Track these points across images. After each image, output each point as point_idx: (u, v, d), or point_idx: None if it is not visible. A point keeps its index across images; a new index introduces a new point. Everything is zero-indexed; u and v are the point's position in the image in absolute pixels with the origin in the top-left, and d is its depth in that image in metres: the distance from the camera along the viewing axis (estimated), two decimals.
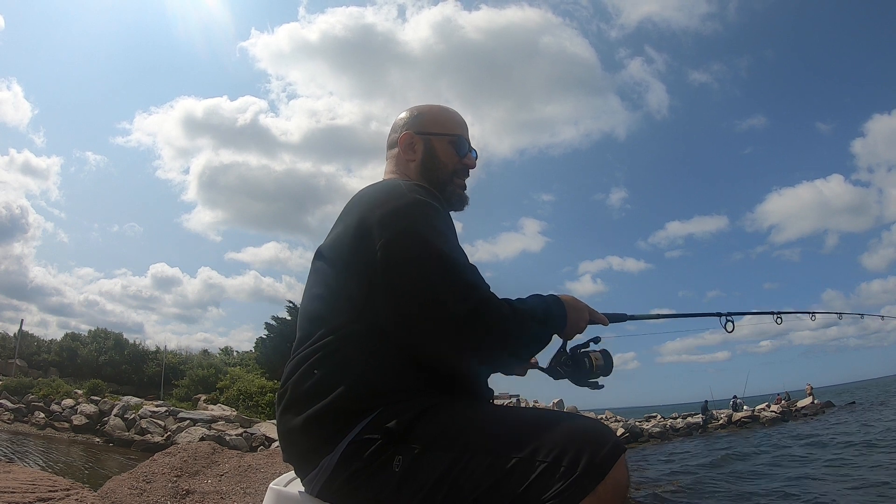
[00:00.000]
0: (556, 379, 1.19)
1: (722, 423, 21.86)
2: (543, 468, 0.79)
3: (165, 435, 12.76)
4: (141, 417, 13.85)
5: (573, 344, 1.18)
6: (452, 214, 1.23)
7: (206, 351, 29.13)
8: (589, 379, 1.17)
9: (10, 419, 14.75)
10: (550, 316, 1.06)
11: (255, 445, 11.71)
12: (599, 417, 19.45)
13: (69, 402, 15.62)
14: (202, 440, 10.63)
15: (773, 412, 22.67)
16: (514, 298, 1.02)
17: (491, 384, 1.24)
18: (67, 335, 26.22)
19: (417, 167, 1.23)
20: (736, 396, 25.06)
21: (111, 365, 24.17)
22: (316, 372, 0.98)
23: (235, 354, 27.87)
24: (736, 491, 7.81)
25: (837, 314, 3.08)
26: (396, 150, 1.26)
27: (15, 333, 24.40)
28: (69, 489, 3.78)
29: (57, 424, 14.45)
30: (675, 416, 23.93)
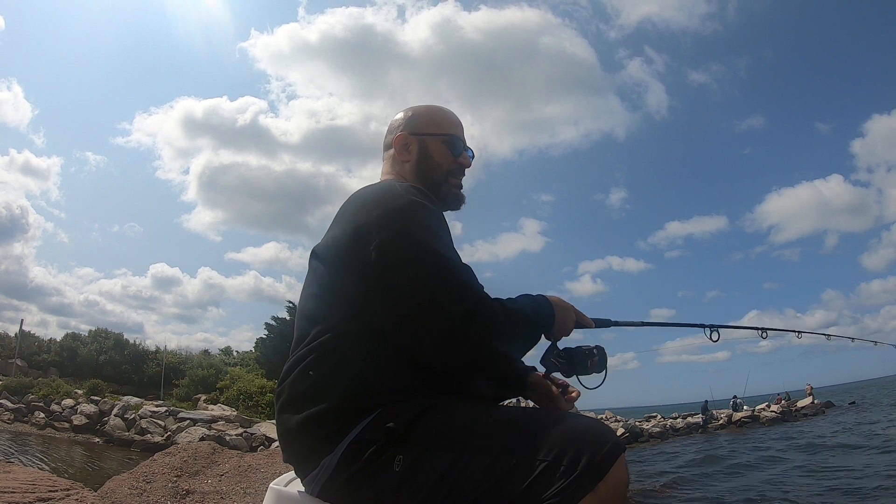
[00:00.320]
0: (550, 372, 1.19)
1: (722, 423, 21.87)
2: (544, 467, 0.80)
3: (165, 435, 12.77)
4: (141, 417, 13.86)
5: (562, 346, 1.18)
6: (451, 214, 1.24)
7: (206, 351, 29.13)
8: (585, 373, 1.17)
9: (10, 419, 14.76)
10: (540, 316, 1.07)
11: (255, 445, 11.72)
12: (599, 417, 19.46)
13: (69, 402, 15.63)
14: (202, 440, 10.63)
15: (773, 412, 22.67)
16: (504, 298, 1.03)
17: None
18: (67, 335, 26.25)
19: (412, 168, 1.23)
20: (736, 396, 25.07)
21: (111, 365, 24.17)
22: (313, 372, 0.98)
23: (235, 354, 27.87)
24: (723, 489, 7.82)
25: (826, 335, 2.76)
26: (392, 151, 1.27)
27: (15, 333, 24.42)
28: (69, 489, 3.78)
29: (57, 424, 14.45)
30: (675, 416, 23.95)
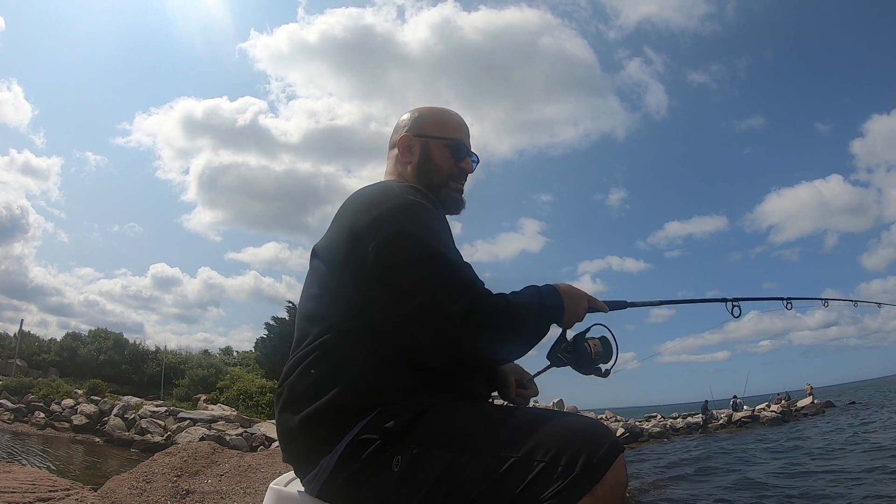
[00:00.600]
0: (558, 367, 1.17)
1: (722, 422, 21.86)
2: (541, 468, 0.80)
3: (165, 435, 12.76)
4: (141, 417, 13.86)
5: (574, 332, 1.16)
6: (450, 217, 1.24)
7: (206, 351, 29.14)
8: (592, 366, 1.15)
9: (10, 419, 14.75)
10: (546, 306, 1.06)
11: (255, 445, 11.71)
12: (599, 417, 19.45)
13: (69, 402, 15.63)
14: (202, 440, 10.63)
15: (773, 412, 22.65)
16: (508, 292, 1.03)
17: None
18: (67, 335, 26.25)
19: (414, 169, 1.24)
20: (736, 396, 25.04)
21: (111, 365, 24.17)
22: (314, 371, 0.99)
23: (235, 354, 27.85)
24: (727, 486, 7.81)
25: (853, 301, 2.99)
26: (395, 150, 1.27)
27: (15, 333, 24.43)
28: (69, 489, 3.78)
29: (57, 424, 14.45)
30: (675, 415, 23.90)
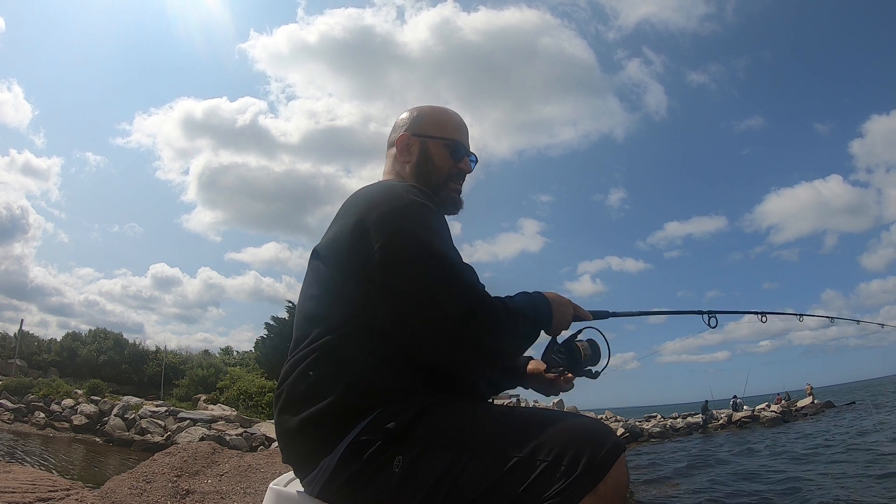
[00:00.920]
0: (553, 367, 1.20)
1: (722, 422, 21.90)
2: (544, 467, 0.80)
3: (165, 435, 12.77)
4: (141, 417, 13.87)
5: (561, 339, 1.20)
6: (449, 217, 1.24)
7: (206, 351, 29.22)
8: (583, 367, 1.19)
9: (10, 419, 14.76)
10: (538, 314, 1.08)
11: (255, 445, 11.71)
12: (599, 417, 19.45)
13: (69, 402, 15.64)
14: (202, 440, 10.63)
15: (773, 412, 22.68)
16: (503, 297, 1.03)
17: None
18: (67, 335, 26.31)
19: (412, 169, 1.23)
20: (736, 396, 25.08)
21: (111, 365, 24.20)
22: (312, 373, 0.98)
23: (235, 354, 27.90)
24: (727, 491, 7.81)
25: (829, 318, 2.60)
26: (394, 150, 1.27)
27: (15, 333, 24.46)
28: (69, 489, 3.78)
29: (57, 424, 14.47)
30: (675, 415, 23.95)
